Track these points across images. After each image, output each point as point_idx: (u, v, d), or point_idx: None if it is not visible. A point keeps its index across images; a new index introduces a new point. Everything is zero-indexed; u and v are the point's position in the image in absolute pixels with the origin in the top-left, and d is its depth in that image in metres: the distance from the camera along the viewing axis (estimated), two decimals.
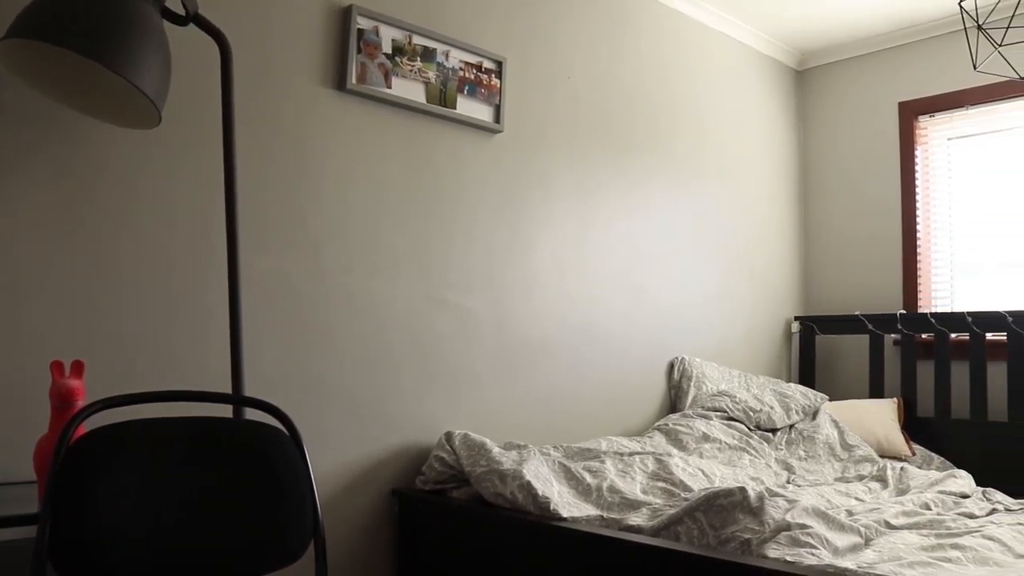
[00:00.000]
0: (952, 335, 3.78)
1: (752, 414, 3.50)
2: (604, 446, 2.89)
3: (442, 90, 2.80)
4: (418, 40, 2.74)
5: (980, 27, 2.66)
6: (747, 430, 3.43)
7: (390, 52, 2.66)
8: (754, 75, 4.31)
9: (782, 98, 4.51)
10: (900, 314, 3.93)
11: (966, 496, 2.88)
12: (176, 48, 2.21)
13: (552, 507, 2.28)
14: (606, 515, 2.32)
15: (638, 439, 3.15)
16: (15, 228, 1.95)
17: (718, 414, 3.47)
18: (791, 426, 3.60)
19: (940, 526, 2.39)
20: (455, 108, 2.84)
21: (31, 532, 1.73)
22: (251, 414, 2.06)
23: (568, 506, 2.36)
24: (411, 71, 2.72)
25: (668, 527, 2.15)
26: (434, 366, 2.79)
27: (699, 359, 3.78)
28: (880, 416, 3.74)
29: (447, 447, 2.59)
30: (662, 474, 2.67)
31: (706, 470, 2.82)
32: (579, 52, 3.35)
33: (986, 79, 3.91)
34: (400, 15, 2.71)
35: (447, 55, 2.82)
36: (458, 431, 2.63)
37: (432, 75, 2.78)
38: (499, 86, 2.97)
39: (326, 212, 2.53)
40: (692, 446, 3.19)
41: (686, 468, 2.75)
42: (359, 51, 2.58)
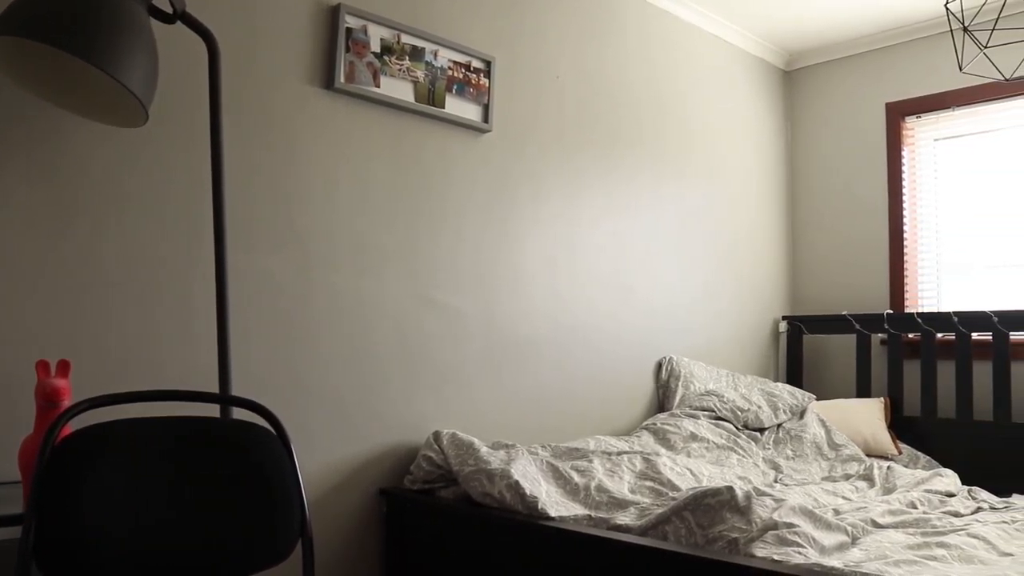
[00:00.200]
0: (938, 335, 3.81)
1: (740, 413, 3.52)
2: (592, 445, 2.90)
3: (431, 89, 2.80)
4: (407, 39, 2.73)
5: (966, 29, 2.67)
6: (735, 429, 3.44)
7: (378, 51, 2.66)
8: (742, 75, 4.33)
9: (770, 98, 4.52)
10: (887, 314, 3.95)
11: (952, 495, 2.90)
12: (163, 46, 2.20)
13: (540, 506, 2.28)
14: (594, 514, 2.33)
15: (626, 438, 3.16)
16: (0, 227, 1.94)
17: (706, 413, 3.48)
18: (778, 425, 3.61)
19: (926, 525, 2.40)
20: (443, 107, 2.84)
21: (16, 533, 1.72)
22: (238, 414, 2.05)
23: (556, 505, 2.36)
24: (400, 70, 2.71)
25: (656, 526, 2.16)
26: (422, 365, 2.79)
27: (687, 359, 3.79)
28: (867, 415, 3.76)
29: (435, 447, 2.59)
30: (650, 473, 2.67)
31: (694, 469, 2.83)
32: (567, 52, 3.35)
33: (972, 80, 3.94)
34: (389, 14, 2.70)
35: (436, 54, 2.81)
36: (446, 430, 2.63)
37: (421, 74, 2.77)
38: (488, 85, 2.97)
39: (314, 211, 2.52)
40: (680, 445, 3.20)
41: (674, 467, 2.76)
42: (347, 50, 2.58)
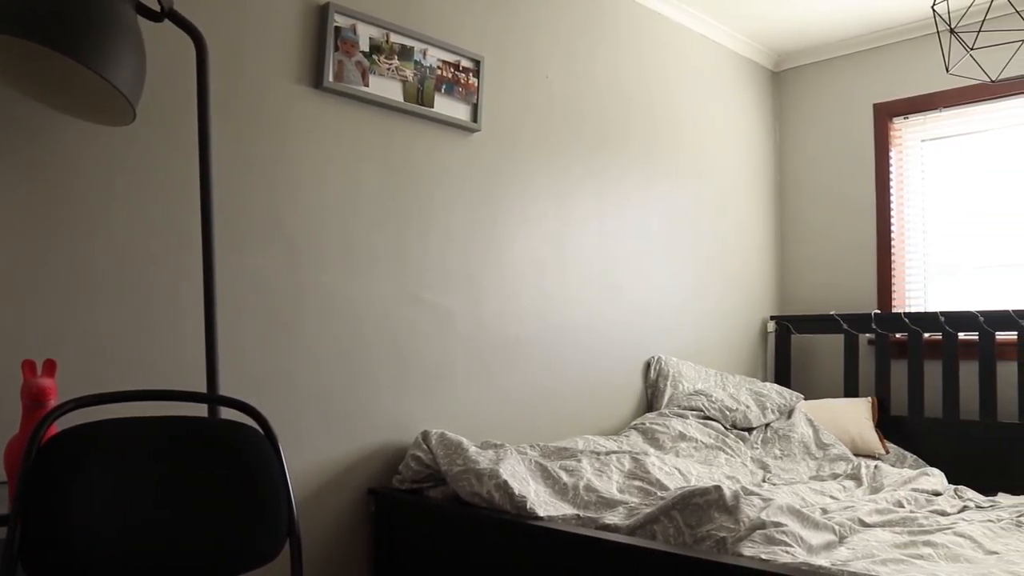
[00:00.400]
0: (925, 335, 3.83)
1: (728, 413, 3.53)
2: (581, 445, 2.90)
3: (420, 89, 2.80)
4: (396, 38, 2.73)
5: (952, 31, 2.69)
6: (723, 429, 3.45)
7: (367, 50, 2.65)
8: (731, 76, 4.34)
9: (758, 99, 4.54)
10: (874, 314, 3.97)
11: (938, 494, 2.92)
12: (151, 45, 2.19)
13: (529, 506, 2.28)
14: (583, 514, 2.33)
15: (615, 438, 3.17)
16: None
17: (694, 413, 3.48)
18: (767, 425, 3.62)
19: (913, 523, 2.42)
20: (433, 107, 2.83)
21: (1, 533, 1.71)
22: (226, 413, 2.04)
23: (545, 505, 2.36)
24: (389, 69, 2.71)
25: (644, 526, 2.16)
26: (411, 365, 2.78)
27: (676, 358, 3.80)
28: (854, 415, 3.77)
29: (424, 446, 2.59)
30: (639, 473, 2.68)
31: (682, 469, 2.83)
32: (556, 51, 3.35)
33: (959, 82, 3.96)
34: (378, 13, 2.70)
35: (425, 53, 2.81)
36: (435, 430, 2.62)
37: (410, 73, 2.77)
38: (477, 85, 2.97)
39: (303, 211, 2.52)
40: (668, 445, 3.20)
41: (662, 467, 2.76)
42: (336, 49, 2.57)
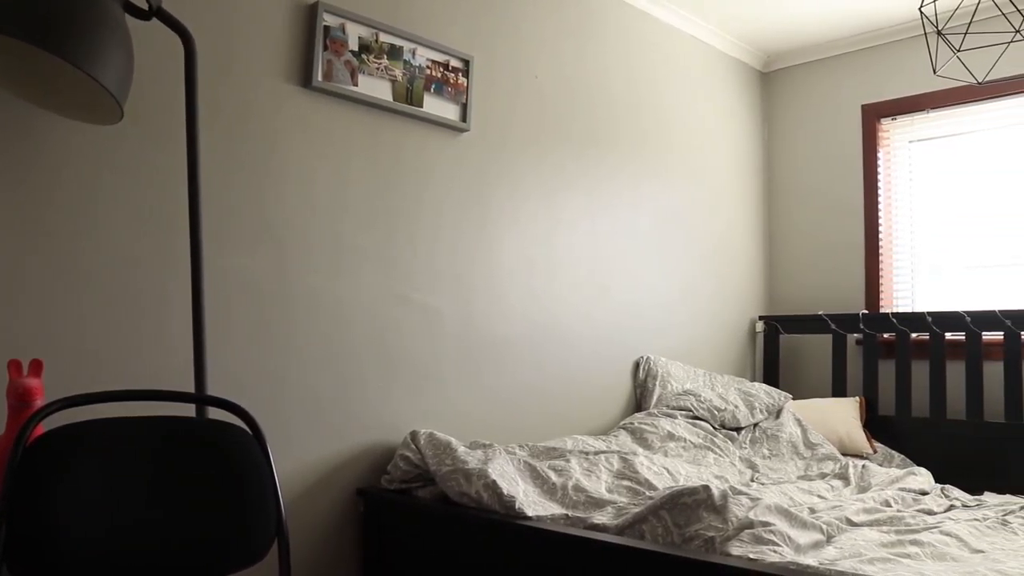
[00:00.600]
0: (912, 335, 3.84)
1: (717, 413, 3.53)
2: (570, 445, 2.90)
3: (409, 88, 2.79)
4: (385, 38, 2.72)
5: (940, 32, 2.70)
6: (712, 429, 3.46)
7: (356, 49, 2.65)
8: (719, 76, 4.35)
9: (747, 99, 4.55)
10: (862, 314, 3.99)
11: (925, 493, 2.93)
12: (139, 43, 2.18)
13: (517, 506, 2.29)
14: (571, 514, 2.33)
15: (604, 438, 3.17)
16: None
17: (683, 413, 3.49)
18: (755, 425, 3.63)
19: (900, 523, 2.43)
20: (422, 106, 2.83)
21: None
22: (214, 413, 2.04)
23: (533, 505, 2.37)
24: (378, 69, 2.70)
25: (633, 525, 2.17)
26: (399, 365, 2.78)
27: (664, 358, 3.80)
28: (842, 414, 3.79)
29: (412, 446, 2.58)
30: (627, 473, 2.68)
31: (671, 469, 2.84)
32: (546, 52, 3.36)
33: (946, 83, 3.98)
34: (367, 12, 2.69)
35: (414, 53, 2.81)
36: (423, 430, 2.62)
37: (399, 73, 2.77)
38: (466, 85, 2.97)
39: (291, 210, 2.51)
40: (657, 445, 3.21)
41: (651, 467, 2.77)
42: (325, 48, 2.57)
